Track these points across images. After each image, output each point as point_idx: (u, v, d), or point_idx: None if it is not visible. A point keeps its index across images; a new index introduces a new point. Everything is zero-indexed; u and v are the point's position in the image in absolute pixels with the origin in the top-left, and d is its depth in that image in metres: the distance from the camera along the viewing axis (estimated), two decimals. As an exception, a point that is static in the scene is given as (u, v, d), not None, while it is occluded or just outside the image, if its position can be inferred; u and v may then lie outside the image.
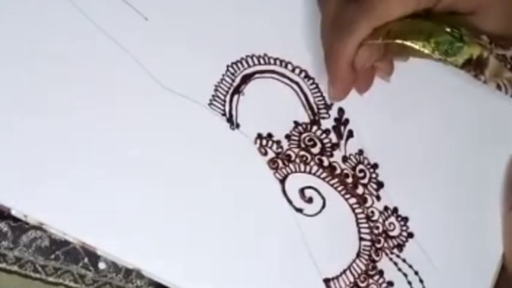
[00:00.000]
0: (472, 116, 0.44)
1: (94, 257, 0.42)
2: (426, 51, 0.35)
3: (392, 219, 0.42)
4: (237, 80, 0.40)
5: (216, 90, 0.40)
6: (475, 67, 0.36)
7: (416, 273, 0.42)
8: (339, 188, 0.41)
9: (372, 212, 0.42)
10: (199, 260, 0.38)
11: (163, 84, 0.39)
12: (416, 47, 0.36)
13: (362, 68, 0.37)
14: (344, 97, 0.40)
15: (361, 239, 0.41)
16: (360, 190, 0.42)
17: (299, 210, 0.40)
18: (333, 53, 0.37)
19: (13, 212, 0.36)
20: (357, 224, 0.41)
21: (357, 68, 0.37)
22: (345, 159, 0.42)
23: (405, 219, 0.42)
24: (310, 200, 0.40)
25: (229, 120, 0.40)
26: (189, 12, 0.39)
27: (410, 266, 0.42)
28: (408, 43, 0.35)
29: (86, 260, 0.42)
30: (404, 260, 0.42)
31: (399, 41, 0.35)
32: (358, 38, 0.36)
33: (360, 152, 0.42)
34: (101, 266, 0.42)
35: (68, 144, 0.37)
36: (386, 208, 0.42)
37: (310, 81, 0.41)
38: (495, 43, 0.37)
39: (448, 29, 0.35)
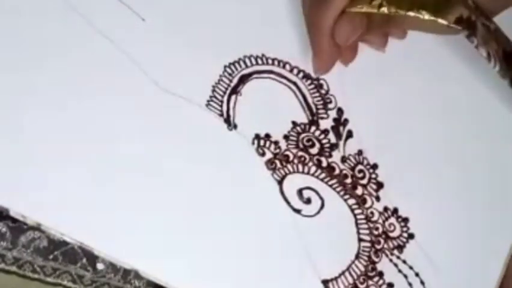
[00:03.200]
0: (473, 117, 0.44)
1: (92, 258, 0.42)
2: (411, 14, 0.35)
3: (392, 220, 0.42)
4: (235, 81, 0.40)
5: (213, 90, 0.39)
6: (467, 26, 0.36)
7: (417, 274, 0.42)
8: (338, 189, 0.41)
9: (372, 212, 0.41)
10: (196, 260, 0.38)
11: (160, 85, 0.38)
12: (402, 12, 0.35)
13: (347, 42, 0.36)
14: (328, 70, 0.39)
15: (360, 240, 0.41)
16: (359, 191, 0.41)
17: (297, 211, 0.40)
18: (314, 25, 0.37)
19: (11, 213, 0.36)
20: (357, 224, 0.41)
21: (341, 42, 0.36)
22: (344, 159, 0.41)
23: (406, 220, 0.42)
24: (308, 201, 0.40)
25: (227, 120, 0.40)
26: (186, 13, 0.39)
27: (411, 268, 0.42)
28: (393, 9, 0.35)
29: (84, 260, 0.42)
30: (404, 261, 0.42)
31: (383, 9, 0.35)
32: (336, 8, 0.35)
33: (360, 153, 0.42)
34: (100, 266, 0.42)
35: (66, 145, 0.37)
36: (385, 209, 0.42)
37: (309, 81, 0.41)
38: (480, 12, 0.37)
39: None
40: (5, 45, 0.37)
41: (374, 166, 0.42)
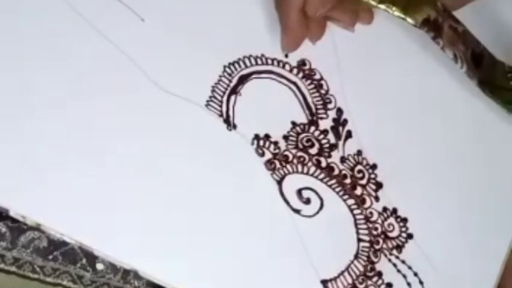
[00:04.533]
0: (473, 117, 0.44)
1: (92, 258, 0.42)
2: (382, 6, 0.36)
3: (391, 220, 0.42)
4: (234, 81, 0.40)
5: (212, 91, 0.40)
6: (433, 28, 0.37)
7: (416, 274, 0.42)
8: (337, 189, 0.41)
9: (371, 212, 0.41)
10: (196, 260, 0.38)
11: (160, 85, 0.38)
12: (373, 3, 0.36)
13: (315, 16, 0.36)
14: (296, 48, 0.39)
15: (359, 240, 0.41)
16: (358, 191, 0.41)
17: (297, 211, 0.40)
18: (284, 0, 0.36)
19: (11, 213, 0.36)
20: (356, 225, 0.41)
21: (309, 15, 0.36)
22: (343, 159, 0.41)
23: (405, 220, 0.42)
24: (308, 201, 0.40)
25: (226, 121, 0.40)
26: (186, 13, 0.39)
27: (410, 267, 0.42)
28: None
29: (84, 260, 0.42)
30: (403, 261, 0.42)
31: None
32: None
33: (359, 153, 0.42)
34: (99, 266, 0.42)
35: (65, 145, 0.37)
36: (385, 209, 0.42)
37: (308, 81, 0.41)
38: (448, 14, 0.38)
39: None
40: (5, 45, 0.37)
41: (373, 166, 0.42)
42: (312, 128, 0.41)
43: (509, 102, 0.41)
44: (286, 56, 0.41)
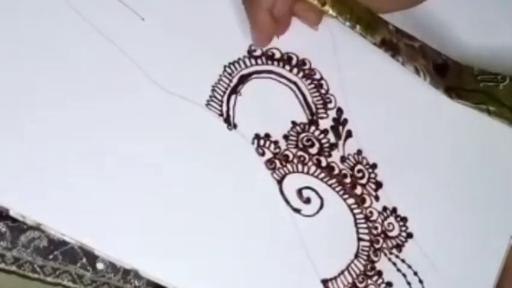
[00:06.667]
0: (473, 117, 0.44)
1: (92, 257, 0.42)
2: (348, 23, 0.38)
3: (391, 219, 0.42)
4: (234, 80, 0.40)
5: (213, 90, 0.40)
6: (390, 48, 0.39)
7: (416, 273, 0.42)
8: (338, 189, 0.41)
9: (371, 212, 0.42)
10: (196, 260, 0.38)
11: (160, 84, 0.38)
12: (341, 19, 0.38)
13: (279, 12, 0.37)
14: (268, 43, 0.39)
15: (359, 239, 0.41)
16: (358, 190, 0.41)
17: (297, 211, 0.40)
18: (252, 1, 0.37)
19: (11, 213, 0.36)
20: (356, 224, 0.41)
21: (276, 16, 0.37)
22: (343, 159, 0.41)
23: (405, 220, 0.42)
24: (308, 201, 0.40)
25: (227, 120, 0.40)
26: (186, 13, 0.39)
27: (409, 267, 0.42)
28: (334, 13, 0.38)
29: (84, 260, 0.42)
30: (403, 261, 0.42)
31: (326, 8, 0.38)
32: None
33: (359, 152, 0.42)
34: (99, 266, 0.43)
35: (65, 145, 0.37)
36: (384, 208, 0.42)
37: (309, 81, 0.41)
38: (401, 34, 0.40)
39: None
40: (5, 45, 0.37)
41: (373, 166, 0.42)
42: (312, 128, 0.41)
43: (480, 102, 0.42)
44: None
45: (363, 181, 0.42)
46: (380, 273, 0.41)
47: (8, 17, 0.37)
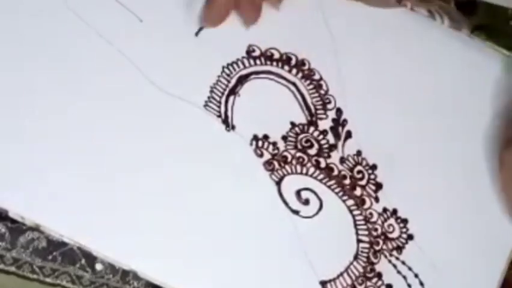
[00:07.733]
0: (474, 117, 0.44)
1: (91, 258, 0.42)
2: None
3: (391, 221, 0.42)
4: (233, 81, 0.40)
5: (211, 91, 0.39)
6: None
7: (416, 275, 0.42)
8: (337, 190, 0.41)
9: (371, 213, 0.41)
10: (195, 261, 0.38)
11: (158, 85, 0.39)
12: None
13: None
14: (219, 24, 0.38)
15: (359, 241, 0.41)
16: (358, 191, 0.41)
17: (296, 212, 0.40)
18: None
19: (10, 214, 0.36)
20: (355, 225, 0.41)
21: None
22: (342, 160, 0.41)
23: (405, 221, 0.42)
24: (307, 202, 0.40)
25: (225, 121, 0.40)
26: (184, 14, 0.39)
27: (410, 269, 0.42)
28: None
29: (83, 261, 0.42)
30: (403, 262, 0.41)
31: None
32: None
33: (359, 153, 0.42)
34: (98, 267, 0.43)
35: (65, 146, 0.37)
36: (385, 210, 0.42)
37: (308, 81, 0.41)
38: None
39: None
40: (5, 45, 0.37)
41: (373, 167, 0.42)
42: (312, 129, 0.41)
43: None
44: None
45: (363, 182, 0.41)
46: (379, 275, 0.41)
47: (8, 17, 0.37)
